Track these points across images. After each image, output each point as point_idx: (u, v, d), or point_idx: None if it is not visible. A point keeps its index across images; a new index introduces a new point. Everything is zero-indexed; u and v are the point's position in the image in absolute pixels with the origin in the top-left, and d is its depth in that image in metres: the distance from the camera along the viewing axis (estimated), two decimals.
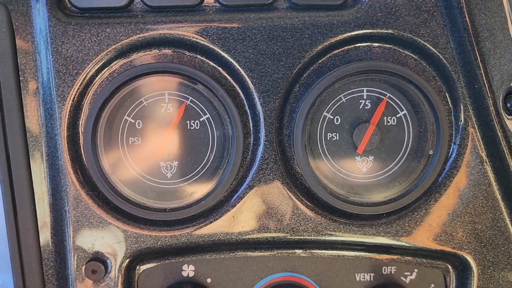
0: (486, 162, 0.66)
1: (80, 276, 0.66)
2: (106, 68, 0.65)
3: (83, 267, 0.66)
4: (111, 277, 0.66)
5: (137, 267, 0.68)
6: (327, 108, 0.67)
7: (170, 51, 0.65)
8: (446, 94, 0.66)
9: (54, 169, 0.66)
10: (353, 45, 0.65)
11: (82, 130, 0.65)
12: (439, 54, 0.65)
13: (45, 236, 0.67)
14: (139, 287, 0.68)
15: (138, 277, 0.68)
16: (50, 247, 0.68)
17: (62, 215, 0.66)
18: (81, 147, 0.65)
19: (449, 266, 0.70)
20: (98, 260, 0.66)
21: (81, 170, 0.66)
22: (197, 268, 0.69)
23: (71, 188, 0.65)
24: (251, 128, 0.66)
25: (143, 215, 0.65)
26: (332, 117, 0.67)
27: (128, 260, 0.66)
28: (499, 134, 0.65)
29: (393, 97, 0.67)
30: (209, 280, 0.69)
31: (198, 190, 0.68)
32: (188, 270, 0.69)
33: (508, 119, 0.64)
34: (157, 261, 0.68)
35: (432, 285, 0.70)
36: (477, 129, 0.65)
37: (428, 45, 0.64)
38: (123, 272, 0.66)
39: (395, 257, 0.69)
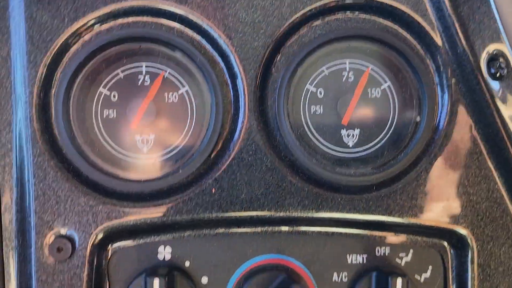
0: (475, 128, 0.64)
1: (43, 254, 0.59)
2: (82, 36, 0.63)
3: (47, 245, 0.59)
4: (78, 256, 0.60)
5: (109, 245, 0.62)
6: (309, 81, 0.66)
7: (148, 19, 0.63)
8: (430, 61, 0.65)
9: (21, 139, 0.61)
10: (333, 15, 0.65)
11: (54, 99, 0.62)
12: (419, 21, 0.64)
13: (8, 212, 0.62)
14: (110, 269, 0.62)
15: (109, 258, 0.62)
16: (13, 226, 0.61)
17: (28, 188, 0.61)
18: (52, 117, 0.62)
19: (446, 245, 0.65)
20: (65, 237, 0.60)
21: (50, 140, 0.62)
22: (174, 250, 0.63)
23: (38, 159, 0.60)
24: (232, 97, 0.64)
25: (116, 185, 0.61)
26: (315, 89, 0.66)
27: (98, 237, 0.60)
28: (486, 98, 0.63)
29: (376, 69, 0.66)
30: (187, 264, 0.63)
31: (175, 164, 0.63)
32: (165, 253, 0.63)
33: (494, 81, 0.63)
34: (131, 240, 0.62)
35: (430, 267, 0.65)
36: (463, 94, 0.64)
37: (407, 12, 0.64)
38: (92, 250, 0.60)
39: (388, 235, 0.64)
